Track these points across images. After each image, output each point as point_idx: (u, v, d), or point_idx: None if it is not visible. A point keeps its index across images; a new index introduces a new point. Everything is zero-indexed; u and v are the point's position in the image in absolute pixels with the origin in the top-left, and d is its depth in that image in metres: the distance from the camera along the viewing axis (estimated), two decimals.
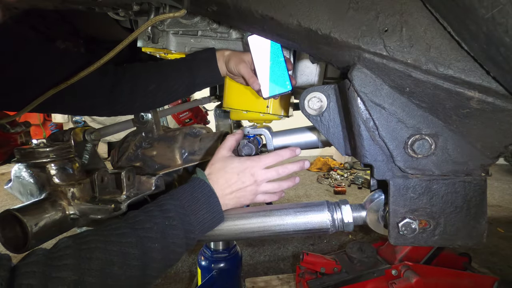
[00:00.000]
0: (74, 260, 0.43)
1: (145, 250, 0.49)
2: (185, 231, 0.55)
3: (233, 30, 0.84)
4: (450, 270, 1.36)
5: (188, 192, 0.58)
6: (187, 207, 0.56)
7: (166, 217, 0.53)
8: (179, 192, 0.58)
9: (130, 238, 0.49)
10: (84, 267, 0.43)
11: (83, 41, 1.28)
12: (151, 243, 0.50)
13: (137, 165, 0.84)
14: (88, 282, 0.42)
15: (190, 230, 0.56)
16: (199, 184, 0.60)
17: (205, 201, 0.58)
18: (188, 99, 2.16)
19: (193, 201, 0.57)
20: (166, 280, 1.78)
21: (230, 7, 0.58)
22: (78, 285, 0.41)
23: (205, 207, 0.58)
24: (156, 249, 0.50)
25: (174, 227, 0.53)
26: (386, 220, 0.62)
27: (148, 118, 0.85)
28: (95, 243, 0.46)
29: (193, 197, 0.58)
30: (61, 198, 0.65)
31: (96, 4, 0.76)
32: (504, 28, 0.36)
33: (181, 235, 0.54)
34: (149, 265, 0.50)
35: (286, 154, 0.68)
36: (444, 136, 0.54)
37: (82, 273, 0.42)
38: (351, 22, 0.51)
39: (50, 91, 0.61)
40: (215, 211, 0.59)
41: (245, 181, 0.63)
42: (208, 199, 0.59)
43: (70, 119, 3.95)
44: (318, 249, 2.13)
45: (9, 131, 0.96)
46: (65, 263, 0.42)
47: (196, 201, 0.57)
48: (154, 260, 0.50)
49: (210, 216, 0.58)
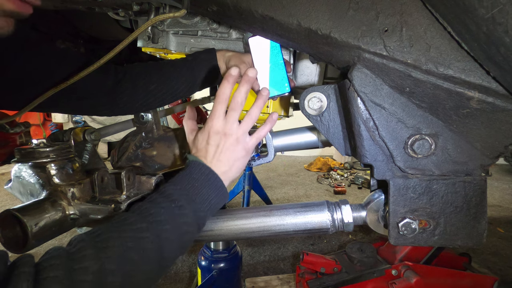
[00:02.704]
0: (92, 250, 0.44)
1: (157, 233, 0.50)
2: (193, 210, 0.55)
3: (233, 30, 0.84)
4: (450, 270, 1.36)
5: (186, 176, 0.58)
6: (189, 188, 0.57)
7: (171, 200, 0.54)
8: (177, 179, 0.58)
9: (140, 224, 0.50)
10: (102, 256, 0.44)
11: (83, 41, 1.28)
12: (161, 226, 0.51)
13: (137, 165, 0.84)
14: (109, 270, 0.43)
15: (198, 209, 0.56)
16: (194, 165, 0.59)
17: (205, 179, 0.58)
18: (188, 99, 2.16)
19: (193, 182, 0.57)
20: (166, 280, 1.78)
21: (230, 7, 0.58)
22: (100, 273, 0.42)
23: (207, 185, 0.58)
24: (168, 231, 0.51)
25: (181, 207, 0.54)
26: (386, 220, 0.62)
27: (148, 118, 0.85)
28: (107, 234, 0.47)
29: (192, 178, 0.58)
30: (61, 198, 0.65)
31: (96, 4, 0.76)
32: (504, 28, 0.36)
33: (190, 214, 0.55)
34: (164, 247, 0.50)
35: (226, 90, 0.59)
36: (444, 136, 0.54)
37: (103, 262, 0.43)
38: (351, 22, 0.51)
39: (50, 91, 0.61)
40: (217, 186, 0.59)
41: (217, 142, 0.60)
42: (207, 176, 0.58)
43: (70, 119, 3.95)
44: (318, 249, 2.13)
45: (9, 131, 0.96)
46: (84, 254, 0.43)
47: (196, 181, 0.57)
48: (168, 241, 0.51)
49: (214, 192, 0.58)
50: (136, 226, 0.49)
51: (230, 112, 0.60)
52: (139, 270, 0.47)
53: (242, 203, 2.20)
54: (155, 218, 0.51)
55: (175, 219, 0.53)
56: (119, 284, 0.44)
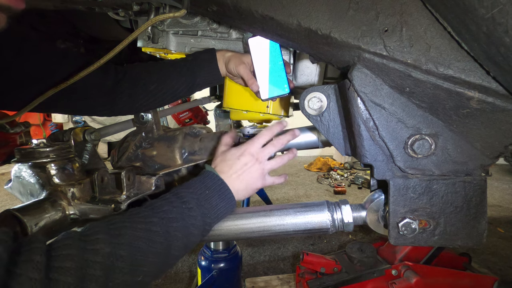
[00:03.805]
0: (105, 235, 0.46)
1: (167, 229, 0.52)
2: (202, 214, 0.58)
3: (233, 30, 0.84)
4: (450, 270, 1.35)
5: (199, 182, 0.62)
6: (200, 194, 0.59)
7: (183, 202, 0.57)
8: (190, 183, 0.62)
9: (152, 218, 0.52)
10: (114, 241, 0.46)
11: (83, 41, 1.28)
12: (171, 223, 0.53)
13: (137, 165, 0.84)
14: (119, 255, 0.45)
15: (206, 214, 0.59)
16: (209, 175, 0.63)
17: (216, 189, 0.61)
18: (188, 99, 2.16)
19: (205, 189, 0.61)
20: (166, 280, 1.78)
21: (230, 7, 0.58)
22: (111, 256, 0.44)
23: (217, 194, 0.61)
24: (177, 228, 0.54)
25: (191, 210, 0.57)
26: (386, 220, 0.62)
27: (148, 118, 0.85)
28: (121, 223, 0.49)
29: (205, 186, 0.61)
30: (61, 198, 0.65)
31: (96, 4, 0.76)
32: (504, 28, 0.36)
33: (198, 217, 0.57)
34: (172, 243, 0.53)
35: (276, 128, 0.71)
36: (444, 136, 0.54)
37: (114, 247, 0.45)
38: (351, 22, 0.51)
39: (50, 91, 0.61)
40: (227, 197, 0.62)
41: (247, 162, 0.65)
42: (219, 186, 0.62)
43: (70, 119, 3.95)
44: (318, 249, 2.13)
45: (9, 131, 0.96)
46: (97, 237, 0.45)
47: (208, 189, 0.61)
48: (176, 238, 0.53)
49: (223, 202, 0.61)
50: (148, 220, 0.52)
51: (270, 146, 0.68)
52: (147, 261, 0.49)
53: (242, 203, 2.20)
54: (166, 215, 0.54)
55: (184, 219, 0.55)
56: (127, 271, 0.46)
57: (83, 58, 0.68)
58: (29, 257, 0.37)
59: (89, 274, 0.41)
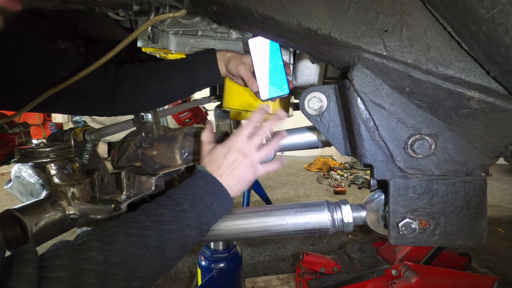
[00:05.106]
0: (98, 243, 0.46)
1: (161, 233, 0.52)
2: (197, 215, 0.57)
3: (233, 30, 0.84)
4: (450, 270, 1.35)
5: (192, 183, 0.61)
6: (194, 195, 0.59)
7: (176, 204, 0.56)
8: (183, 185, 0.61)
9: (145, 223, 0.52)
10: (108, 248, 0.45)
11: (83, 41, 1.28)
12: (165, 226, 0.53)
13: (137, 165, 0.84)
14: (113, 262, 0.45)
15: (201, 214, 0.58)
16: (201, 175, 0.62)
17: (210, 188, 0.61)
18: (188, 99, 2.16)
19: (198, 189, 0.60)
20: (166, 280, 1.78)
21: (230, 7, 0.58)
22: (105, 263, 0.44)
23: (211, 193, 0.60)
24: (171, 231, 0.53)
25: (185, 211, 0.56)
26: (386, 220, 0.62)
27: (148, 118, 0.85)
28: (114, 229, 0.49)
29: (197, 186, 0.60)
30: (61, 198, 0.65)
31: (96, 4, 0.76)
32: (504, 28, 0.36)
33: (193, 218, 0.57)
34: (167, 246, 0.52)
35: (257, 116, 0.68)
36: (444, 136, 0.54)
37: (107, 254, 0.45)
38: (351, 22, 0.51)
39: (49, 91, 0.61)
40: (221, 195, 0.61)
41: (234, 159, 0.63)
42: (212, 185, 0.61)
43: (70, 119, 3.95)
44: (318, 249, 2.13)
45: (7, 132, 0.96)
46: (90, 245, 0.45)
47: (201, 189, 0.60)
48: (171, 241, 0.53)
49: (218, 201, 0.61)
50: (141, 224, 0.51)
51: (255, 137, 0.65)
52: (142, 266, 0.49)
53: (242, 203, 2.20)
54: (159, 218, 0.53)
55: (179, 221, 0.55)
56: (122, 277, 0.45)
57: (83, 58, 0.68)
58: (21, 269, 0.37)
59: (83, 283, 0.41)
